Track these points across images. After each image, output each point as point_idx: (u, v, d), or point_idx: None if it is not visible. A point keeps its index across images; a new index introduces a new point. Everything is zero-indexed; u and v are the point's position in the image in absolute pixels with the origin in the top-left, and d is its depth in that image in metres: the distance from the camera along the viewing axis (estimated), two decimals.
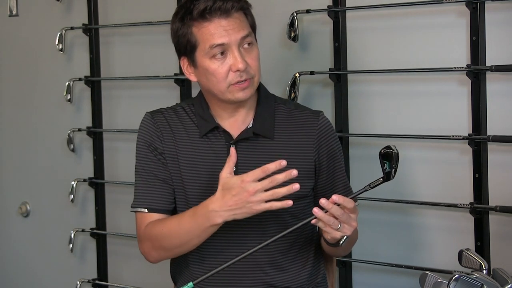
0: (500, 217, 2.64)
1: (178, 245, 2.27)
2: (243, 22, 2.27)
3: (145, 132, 2.38)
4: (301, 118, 2.37)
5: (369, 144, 2.90)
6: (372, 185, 2.09)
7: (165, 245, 2.29)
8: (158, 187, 2.35)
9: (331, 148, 2.36)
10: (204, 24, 2.24)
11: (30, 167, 3.98)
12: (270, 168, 2.10)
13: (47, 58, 3.83)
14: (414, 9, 2.78)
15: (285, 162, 2.09)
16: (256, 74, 2.29)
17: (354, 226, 2.11)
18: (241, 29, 2.25)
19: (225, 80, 2.26)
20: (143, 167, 2.37)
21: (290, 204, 2.08)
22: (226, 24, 2.24)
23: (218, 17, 2.24)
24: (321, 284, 2.45)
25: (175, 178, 2.35)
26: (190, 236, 2.23)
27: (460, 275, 1.97)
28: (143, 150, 2.37)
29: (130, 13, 3.54)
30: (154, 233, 2.30)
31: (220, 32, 2.23)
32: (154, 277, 3.42)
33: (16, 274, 4.11)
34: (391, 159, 2.06)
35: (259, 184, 2.10)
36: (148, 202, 2.35)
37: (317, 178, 2.36)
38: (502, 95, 2.63)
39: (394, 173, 2.08)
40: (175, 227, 2.26)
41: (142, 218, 2.35)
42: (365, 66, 2.90)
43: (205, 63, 2.27)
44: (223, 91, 2.27)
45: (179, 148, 2.35)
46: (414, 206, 2.82)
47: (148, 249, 2.34)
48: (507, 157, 2.63)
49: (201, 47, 2.26)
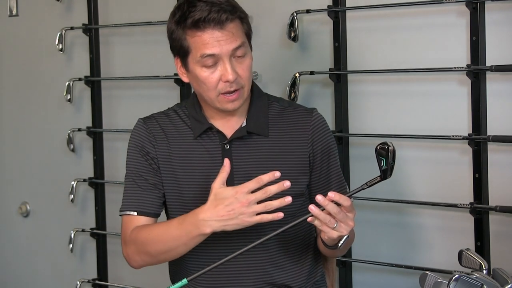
0: (500, 217, 2.64)
1: (164, 251, 2.26)
2: (237, 32, 2.25)
3: (137, 137, 2.38)
4: (295, 115, 2.38)
5: (369, 144, 2.89)
6: (369, 184, 2.08)
7: (150, 251, 2.28)
8: (148, 191, 2.34)
9: (325, 144, 2.36)
10: (197, 33, 2.24)
11: (30, 167, 3.98)
12: (264, 179, 2.10)
13: (47, 58, 3.83)
14: (414, 9, 2.78)
15: (278, 174, 2.10)
16: (246, 84, 2.29)
17: (351, 225, 2.10)
18: (234, 40, 2.24)
19: (215, 89, 2.26)
20: (133, 171, 2.37)
21: (281, 217, 2.08)
22: (219, 35, 2.23)
23: (212, 28, 2.22)
24: (320, 283, 2.45)
25: (170, 182, 2.35)
26: (177, 243, 2.22)
27: (460, 275, 1.97)
28: (134, 154, 2.38)
29: (130, 13, 3.54)
30: (141, 237, 2.29)
31: (212, 43, 2.22)
32: (154, 277, 3.41)
33: (16, 274, 4.11)
34: (388, 155, 2.05)
35: (253, 195, 2.10)
36: (138, 205, 2.34)
37: (312, 175, 2.36)
38: (502, 95, 2.63)
39: (391, 171, 2.06)
40: (162, 233, 2.25)
41: (129, 221, 2.35)
42: (365, 66, 2.90)
43: (196, 70, 2.27)
44: (213, 99, 2.28)
45: (173, 151, 2.35)
46: (414, 206, 2.82)
47: (132, 253, 2.33)
48: (507, 157, 2.63)
49: (193, 54, 2.26)
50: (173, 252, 2.26)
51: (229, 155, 2.31)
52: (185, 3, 2.26)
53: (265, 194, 2.09)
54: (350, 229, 2.10)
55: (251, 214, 2.10)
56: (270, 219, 2.09)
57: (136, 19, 3.50)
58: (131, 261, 2.35)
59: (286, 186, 2.08)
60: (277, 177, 2.10)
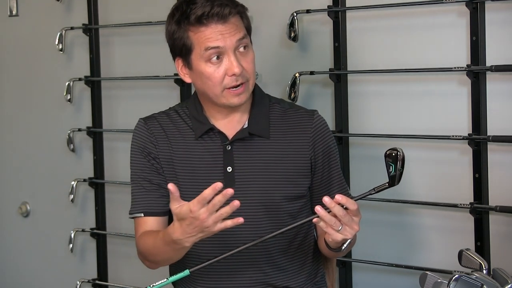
0: (500, 217, 2.64)
1: (159, 261, 2.31)
2: (239, 26, 2.27)
3: (139, 138, 2.39)
4: (296, 117, 2.37)
5: (369, 144, 2.90)
6: (377, 189, 2.08)
7: (149, 259, 2.33)
8: (153, 191, 2.35)
9: (326, 146, 2.36)
10: (201, 29, 2.24)
11: (30, 167, 3.98)
12: (206, 194, 2.02)
13: (47, 58, 3.83)
14: (414, 9, 2.78)
15: (220, 185, 2.02)
16: (251, 77, 2.29)
17: (356, 229, 2.09)
18: (237, 32, 2.25)
19: (220, 84, 2.26)
20: (137, 173, 2.38)
21: (241, 222, 2.03)
22: (223, 29, 2.24)
23: (215, 23, 2.23)
24: (320, 283, 2.45)
25: (171, 182, 2.34)
26: (168, 255, 2.24)
27: (460, 275, 1.96)
28: (137, 156, 2.38)
29: (130, 13, 3.54)
30: (142, 245, 2.33)
31: (216, 36, 2.23)
32: (154, 277, 3.40)
33: (16, 274, 4.11)
34: (397, 161, 2.05)
35: (206, 210, 2.04)
36: (144, 207, 2.36)
37: (313, 177, 2.36)
38: (502, 95, 2.63)
39: (399, 178, 2.06)
40: (153, 245, 2.26)
41: (139, 224, 2.37)
42: (365, 66, 2.90)
43: (201, 67, 2.27)
44: (218, 95, 2.27)
45: (175, 151, 2.35)
46: (414, 206, 2.82)
47: (141, 257, 2.38)
48: (507, 157, 2.63)
49: (196, 50, 2.26)
50: (169, 260, 2.30)
51: (230, 156, 2.31)
52: (183, 3, 2.27)
53: (214, 206, 2.03)
54: (355, 233, 2.10)
55: (214, 224, 2.06)
56: (231, 224, 2.05)
57: (136, 19, 3.50)
58: (144, 263, 2.40)
59: (235, 205, 2.03)
60: (218, 189, 2.02)
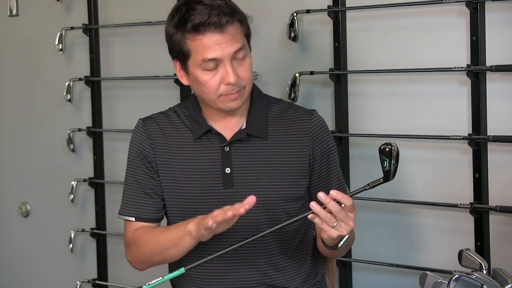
0: (500, 217, 2.64)
1: (161, 258, 2.31)
2: (237, 34, 2.24)
3: (136, 141, 2.39)
4: (295, 117, 2.37)
5: (369, 144, 2.90)
6: (372, 185, 2.08)
7: (149, 258, 2.34)
8: (146, 197, 2.36)
9: (325, 146, 2.36)
10: (198, 37, 2.22)
11: (30, 167, 3.98)
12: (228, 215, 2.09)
13: (47, 58, 3.83)
14: (414, 9, 2.78)
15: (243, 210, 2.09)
16: (247, 84, 2.28)
17: (351, 226, 2.08)
18: (235, 43, 2.23)
19: (216, 92, 2.25)
20: (131, 176, 2.38)
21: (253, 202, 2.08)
22: (220, 38, 2.21)
23: (212, 32, 2.21)
24: (320, 283, 2.45)
25: (169, 184, 2.35)
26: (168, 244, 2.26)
27: (460, 275, 1.97)
28: (133, 158, 2.38)
29: (130, 13, 3.54)
30: (142, 244, 2.33)
31: (213, 47, 2.21)
32: (154, 277, 3.41)
33: (16, 274, 4.11)
34: (391, 156, 2.05)
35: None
36: (135, 211, 2.37)
37: (312, 177, 2.36)
38: (502, 95, 2.63)
39: (394, 172, 2.06)
40: (165, 239, 2.28)
41: (131, 226, 2.39)
42: (365, 66, 2.90)
43: (197, 74, 2.26)
44: (214, 100, 2.27)
45: (173, 153, 2.35)
46: (414, 206, 2.82)
47: (131, 257, 2.39)
48: (507, 157, 2.63)
49: (193, 58, 2.24)
50: (172, 258, 2.30)
51: (229, 158, 2.31)
52: (183, 5, 2.24)
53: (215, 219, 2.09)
54: (351, 229, 2.09)
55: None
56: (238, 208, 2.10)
57: (136, 19, 3.50)
58: (133, 263, 2.40)
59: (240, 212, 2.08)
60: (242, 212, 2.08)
